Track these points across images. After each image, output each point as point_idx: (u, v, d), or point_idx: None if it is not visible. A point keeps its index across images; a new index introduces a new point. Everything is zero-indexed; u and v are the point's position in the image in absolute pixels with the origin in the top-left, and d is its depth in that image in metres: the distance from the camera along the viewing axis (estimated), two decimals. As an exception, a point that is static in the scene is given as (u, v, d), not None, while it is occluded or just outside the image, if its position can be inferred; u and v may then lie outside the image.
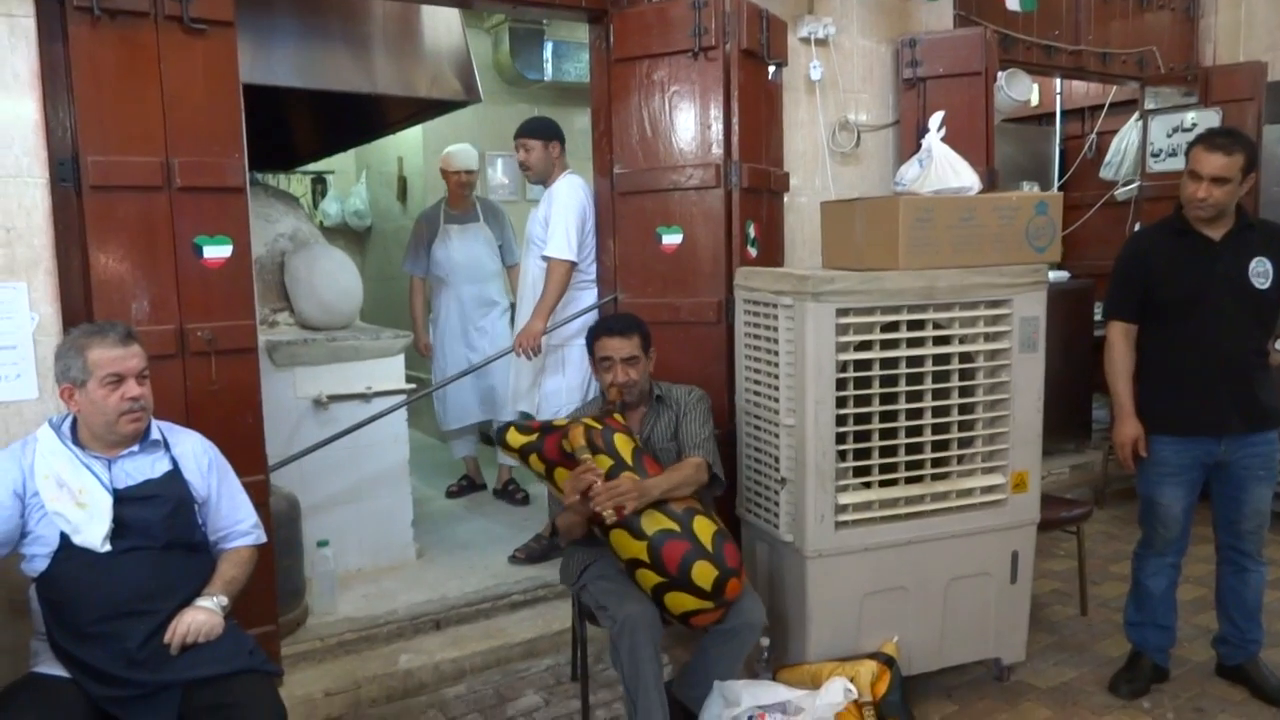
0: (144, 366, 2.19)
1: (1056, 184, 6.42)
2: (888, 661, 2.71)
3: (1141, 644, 3.05)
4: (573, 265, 3.60)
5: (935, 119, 2.95)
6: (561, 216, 3.60)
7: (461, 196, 4.66)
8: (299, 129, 5.45)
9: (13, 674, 2.19)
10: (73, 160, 2.51)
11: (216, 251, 2.69)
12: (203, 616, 2.11)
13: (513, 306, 4.59)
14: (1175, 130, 5.26)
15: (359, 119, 4.97)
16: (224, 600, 2.19)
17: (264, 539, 2.42)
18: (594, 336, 2.84)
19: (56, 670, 2.07)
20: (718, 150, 3.34)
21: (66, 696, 2.01)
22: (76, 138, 2.50)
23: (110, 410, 2.13)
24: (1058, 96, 6.68)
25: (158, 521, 2.15)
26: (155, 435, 2.26)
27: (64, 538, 2.07)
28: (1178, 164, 5.14)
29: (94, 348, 2.13)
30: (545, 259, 3.61)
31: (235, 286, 2.73)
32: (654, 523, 2.48)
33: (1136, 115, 5.68)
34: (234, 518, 2.34)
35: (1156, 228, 3.01)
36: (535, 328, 3.56)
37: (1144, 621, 3.04)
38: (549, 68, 6.04)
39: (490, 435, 4.60)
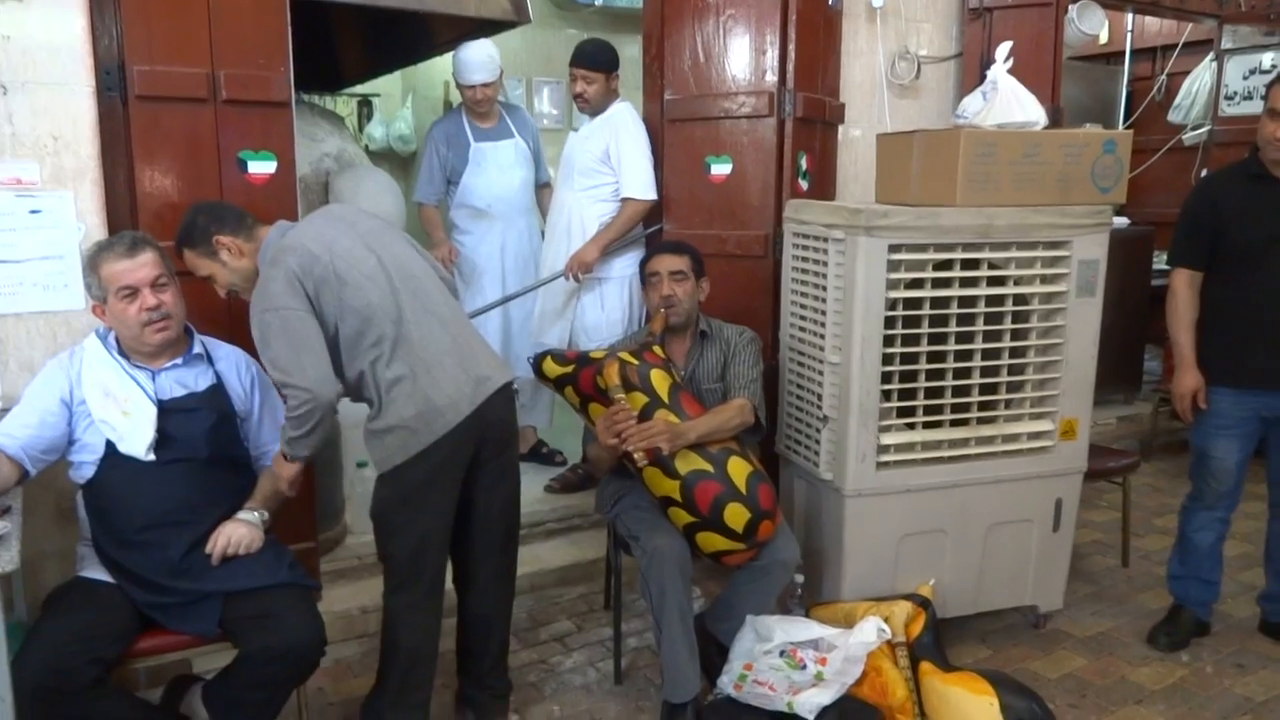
0: (159, 274, 2.17)
1: (1121, 126, 6.19)
2: (923, 603, 2.69)
3: (1183, 597, 3.00)
4: (652, 204, 3.48)
5: (1002, 49, 2.82)
6: (638, 152, 3.46)
7: (486, 111, 3.94)
8: (345, 48, 5.37)
9: (60, 578, 2.25)
10: (119, 69, 2.48)
11: (261, 167, 2.67)
12: (243, 529, 2.14)
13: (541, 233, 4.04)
14: (1252, 72, 5.03)
15: (405, 39, 4.87)
16: (264, 514, 2.22)
17: (305, 456, 2.44)
18: (646, 258, 2.80)
19: (102, 575, 2.12)
20: (772, 78, 3.24)
21: (111, 600, 2.06)
22: (122, 47, 2.47)
23: (132, 322, 2.14)
24: (1128, 34, 6.39)
25: (200, 434, 2.17)
26: (198, 349, 2.27)
27: (110, 446, 2.11)
28: (1253, 108, 4.93)
29: (104, 263, 2.14)
30: (626, 199, 3.47)
31: (280, 204, 2.70)
32: (687, 463, 2.46)
33: (1211, 55, 5.43)
34: (275, 434, 2.35)
35: (1229, 171, 2.89)
36: (590, 256, 3.46)
37: (1187, 575, 2.98)
38: (600, -9, 5.89)
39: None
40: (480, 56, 3.81)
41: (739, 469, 2.47)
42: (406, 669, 2.33)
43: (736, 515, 2.40)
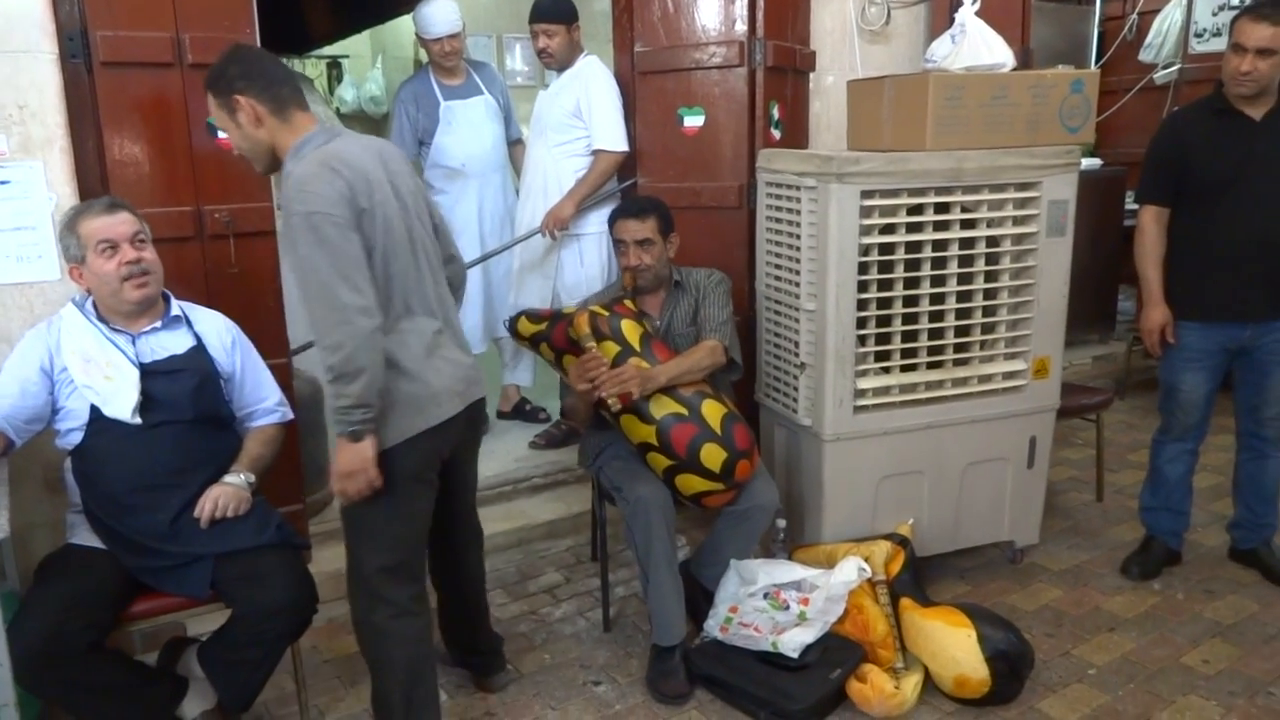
0: (138, 230, 2.18)
1: (1093, 67, 6.18)
2: (902, 542, 2.75)
3: (1155, 528, 3.08)
4: (624, 155, 3.49)
5: (970, -9, 2.83)
6: (608, 104, 3.46)
7: (452, 66, 3.90)
8: (311, 9, 5.31)
9: (51, 547, 2.27)
10: (81, 36, 2.45)
11: (231, 132, 2.65)
12: (230, 492, 2.17)
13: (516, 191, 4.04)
14: (1221, 8, 5.02)
15: (372, -2, 4.82)
16: (251, 477, 2.24)
17: (290, 416, 2.46)
18: (613, 219, 2.81)
19: (92, 541, 2.15)
20: (742, 27, 3.23)
21: (103, 565, 2.09)
22: (84, 12, 2.44)
23: (111, 277, 2.14)
24: (1099, -27, 6.37)
25: (184, 396, 2.18)
26: (176, 312, 2.28)
27: (94, 410, 2.12)
28: (1222, 44, 4.91)
29: (83, 222, 2.15)
30: (597, 152, 3.48)
31: (251, 169, 2.66)
32: (662, 407, 2.50)
33: (1182, -8, 5.42)
34: (259, 395, 2.37)
35: (1194, 107, 2.91)
36: (566, 212, 3.48)
37: (1158, 506, 3.06)
38: (568, -58, 5.79)
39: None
40: (442, 8, 3.78)
41: (713, 411, 2.51)
42: (409, 686, 2.10)
43: (713, 455, 2.45)
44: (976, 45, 2.80)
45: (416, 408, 2.03)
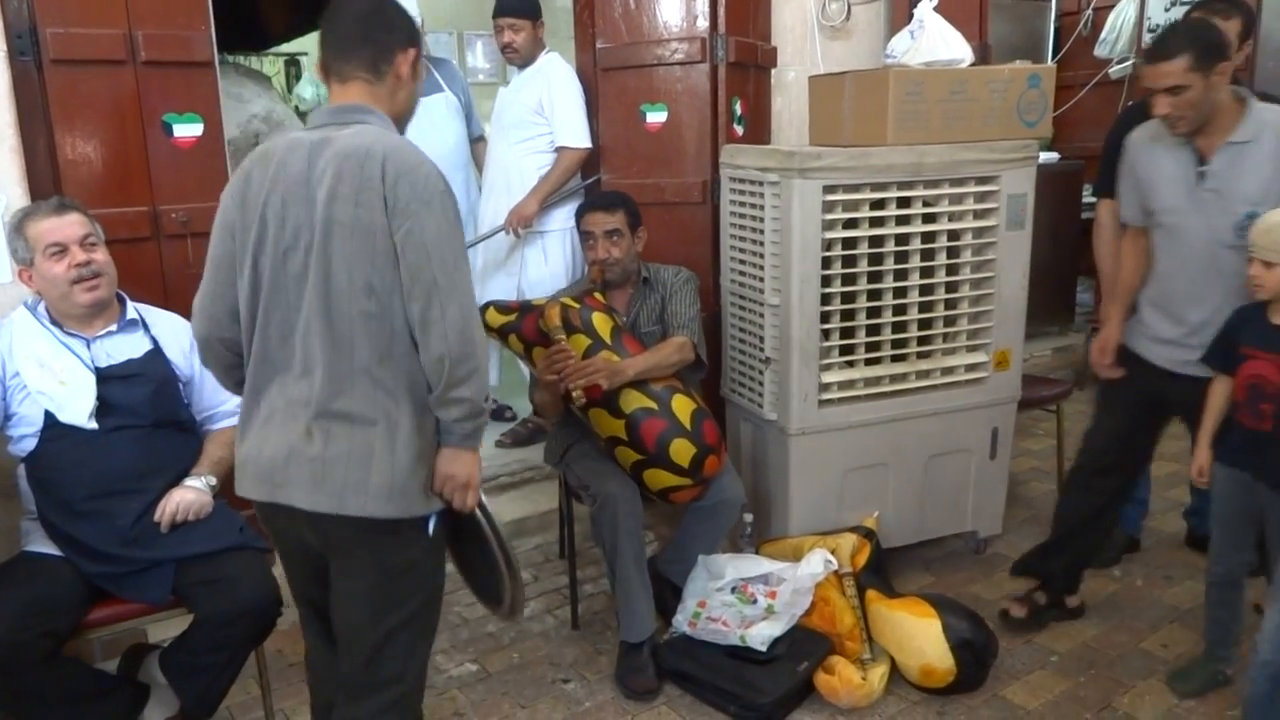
0: (88, 232, 2.15)
1: (1050, 62, 6.26)
2: (867, 534, 2.78)
3: (1115, 516, 3.13)
4: (588, 152, 3.48)
5: (928, -13, 2.86)
6: (571, 101, 3.45)
7: None
8: (267, 6, 5.23)
9: (4, 556, 2.21)
10: (30, 33, 2.40)
11: (187, 130, 2.61)
12: (191, 495, 2.14)
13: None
14: (1174, 3, 5.11)
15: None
16: (212, 480, 2.21)
17: (250, 419, 2.42)
18: (580, 212, 2.80)
19: (48, 548, 2.10)
20: (703, 23, 3.24)
21: (59, 573, 2.05)
22: (33, 9, 2.39)
23: (60, 280, 2.11)
24: (1055, -31, 6.45)
25: (143, 400, 2.15)
26: (133, 315, 2.24)
27: (49, 416, 2.08)
28: (1174, 39, 5.01)
29: (30, 224, 2.12)
30: (561, 148, 3.46)
31: (209, 167, 2.65)
32: (632, 401, 2.49)
33: (1135, -13, 5.50)
34: (218, 398, 2.33)
35: (1148, 102, 2.94)
36: (530, 209, 3.45)
37: (1118, 495, 3.10)
38: (528, -61, 5.76)
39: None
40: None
41: (683, 406, 2.51)
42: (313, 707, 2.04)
43: (682, 450, 2.45)
44: (935, 41, 2.83)
45: (237, 465, 1.76)
